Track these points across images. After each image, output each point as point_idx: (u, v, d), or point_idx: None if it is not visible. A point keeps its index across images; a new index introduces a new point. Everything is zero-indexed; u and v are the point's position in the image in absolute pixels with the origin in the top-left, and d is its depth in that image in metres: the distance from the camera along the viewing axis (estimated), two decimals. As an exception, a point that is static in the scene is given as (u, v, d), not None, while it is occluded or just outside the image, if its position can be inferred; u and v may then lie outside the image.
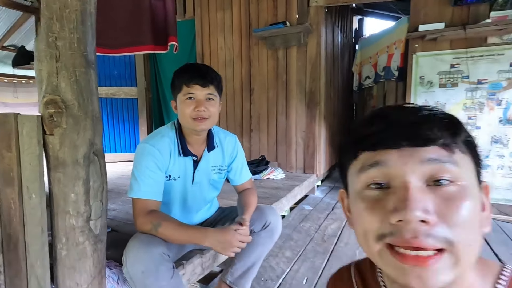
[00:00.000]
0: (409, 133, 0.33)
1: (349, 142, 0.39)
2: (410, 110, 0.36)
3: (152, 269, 0.87)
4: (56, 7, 0.83)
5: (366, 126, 0.37)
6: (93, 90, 0.92)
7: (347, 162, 0.40)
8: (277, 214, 1.20)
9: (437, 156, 0.32)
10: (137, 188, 0.99)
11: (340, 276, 0.52)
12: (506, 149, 2.30)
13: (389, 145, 0.34)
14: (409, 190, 0.32)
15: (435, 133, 0.33)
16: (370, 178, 0.35)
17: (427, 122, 0.34)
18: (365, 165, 0.36)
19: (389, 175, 0.34)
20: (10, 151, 0.87)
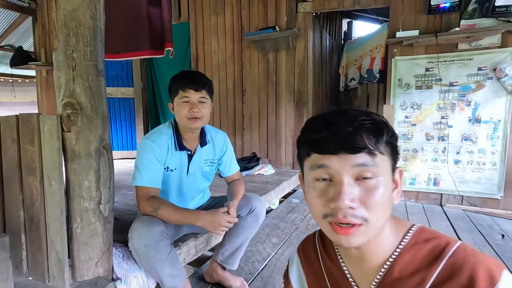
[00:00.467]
0: (345, 143, 0.46)
1: (304, 142, 0.52)
2: (348, 119, 0.47)
3: (153, 244, 1.05)
4: (72, 25, 0.99)
5: (316, 131, 0.49)
6: (103, 94, 1.09)
7: (303, 156, 0.53)
8: (261, 201, 1.38)
9: (364, 161, 0.46)
10: (140, 178, 1.16)
11: (307, 240, 0.68)
12: (475, 146, 2.51)
13: (331, 152, 0.47)
14: (342, 186, 0.45)
15: (363, 143, 0.45)
16: (318, 175, 0.49)
17: (359, 133, 0.46)
18: (314, 165, 0.49)
19: (331, 173, 0.47)
20: (33, 146, 1.04)
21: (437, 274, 0.45)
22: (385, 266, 0.50)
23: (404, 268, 0.48)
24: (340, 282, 0.56)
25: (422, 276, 0.46)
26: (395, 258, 0.49)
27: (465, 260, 0.44)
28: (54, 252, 1.05)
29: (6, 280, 0.99)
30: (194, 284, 1.42)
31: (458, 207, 2.60)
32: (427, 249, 0.48)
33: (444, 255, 0.46)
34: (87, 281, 1.08)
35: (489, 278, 0.41)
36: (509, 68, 2.30)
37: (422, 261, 0.47)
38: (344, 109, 0.50)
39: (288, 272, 0.69)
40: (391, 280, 0.49)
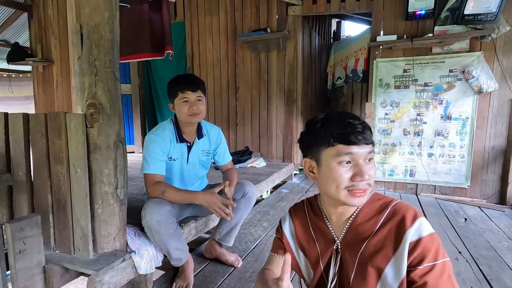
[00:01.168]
0: (362, 137, 0.65)
1: (326, 134, 0.68)
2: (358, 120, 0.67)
3: (163, 220, 1.26)
4: (94, 38, 1.18)
5: (339, 127, 0.66)
6: (119, 96, 1.28)
7: (322, 146, 0.69)
8: (253, 186, 1.60)
9: (371, 149, 0.67)
10: (147, 166, 1.37)
11: (297, 205, 0.88)
12: (446, 141, 2.79)
13: (354, 143, 0.65)
14: (363, 166, 0.66)
15: (369, 137, 0.67)
16: (344, 159, 0.66)
17: (366, 130, 0.67)
18: (342, 152, 0.66)
19: (353, 158, 0.66)
20: (60, 139, 1.23)
21: (384, 217, 0.69)
22: (353, 216, 0.73)
23: (364, 216, 0.72)
24: (322, 230, 0.78)
25: (375, 220, 0.70)
26: (359, 211, 0.73)
27: (400, 208, 0.69)
28: (79, 228, 1.25)
29: (39, 252, 1.20)
30: (195, 259, 1.64)
31: (431, 196, 2.88)
32: (379, 204, 0.72)
33: (388, 206, 0.70)
34: (106, 253, 1.29)
35: (413, 216, 0.66)
36: (475, 70, 2.56)
37: (375, 211, 0.71)
38: (347, 112, 0.71)
39: (282, 226, 0.87)
40: (356, 225, 0.72)
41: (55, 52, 4.37)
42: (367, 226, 0.70)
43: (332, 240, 0.76)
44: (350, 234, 0.72)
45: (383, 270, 0.66)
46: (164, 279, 1.48)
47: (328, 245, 0.76)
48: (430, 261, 0.62)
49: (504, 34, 2.51)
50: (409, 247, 0.63)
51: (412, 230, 0.63)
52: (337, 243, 0.75)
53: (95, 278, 1.15)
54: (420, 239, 0.63)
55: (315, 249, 0.79)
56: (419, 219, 0.65)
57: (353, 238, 0.72)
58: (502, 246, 1.89)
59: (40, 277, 1.20)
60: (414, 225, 0.64)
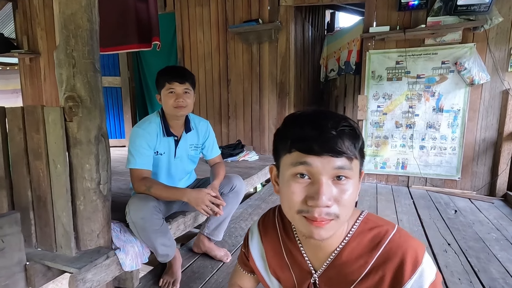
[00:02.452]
0: (330, 147, 0.48)
1: (286, 138, 0.53)
2: (332, 123, 0.49)
3: (148, 216, 1.23)
4: (72, 28, 1.13)
5: (301, 130, 0.50)
6: (99, 88, 1.23)
7: (282, 151, 0.54)
8: (241, 180, 1.58)
9: (343, 164, 0.49)
10: (133, 161, 1.32)
11: (268, 216, 0.72)
12: (438, 133, 2.79)
13: (316, 153, 0.48)
14: (321, 186, 0.48)
15: (345, 147, 0.48)
16: (299, 171, 0.50)
17: (341, 138, 0.48)
18: (297, 161, 0.50)
19: (311, 171, 0.49)
20: (38, 133, 1.18)
21: (376, 258, 0.54)
22: (336, 251, 0.57)
23: (351, 253, 0.56)
24: (296, 259, 0.63)
25: (364, 260, 0.55)
26: (344, 245, 0.57)
27: (398, 247, 0.53)
28: (61, 225, 1.21)
29: (19, 250, 1.16)
30: (183, 255, 1.62)
31: (422, 188, 2.89)
32: (370, 236, 0.56)
33: (382, 243, 0.55)
34: (90, 250, 1.26)
35: (414, 260, 0.52)
36: (468, 62, 2.54)
37: (365, 247, 0.56)
38: (326, 112, 0.52)
39: (248, 243, 0.72)
40: (339, 263, 0.57)
41: (42, 44, 4.25)
42: (354, 267, 0.56)
43: (308, 272, 0.62)
44: (332, 271, 0.59)
45: None
46: (151, 275, 1.46)
47: (305, 277, 0.63)
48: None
49: (496, 25, 2.49)
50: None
51: (411, 284, 0.51)
52: (314, 277, 0.61)
53: (77, 276, 1.12)
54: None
55: (290, 278, 0.65)
56: (421, 267, 0.51)
57: (335, 277, 0.58)
58: (490, 238, 1.90)
59: (21, 276, 1.17)
60: (414, 277, 0.51)
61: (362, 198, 2.62)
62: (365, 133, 2.97)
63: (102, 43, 2.05)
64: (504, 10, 2.47)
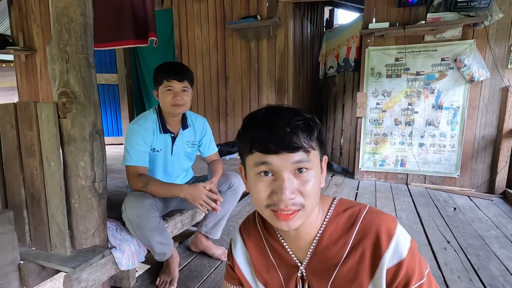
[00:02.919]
0: (285, 144, 0.51)
1: (246, 140, 0.55)
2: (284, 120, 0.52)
3: (144, 214, 1.21)
4: (64, 21, 1.10)
5: (256, 132, 0.53)
6: (94, 84, 1.20)
7: (244, 153, 0.57)
8: (239, 177, 1.55)
9: (300, 158, 0.52)
10: (129, 158, 1.30)
11: (248, 221, 0.73)
12: (437, 130, 2.77)
13: (273, 152, 0.52)
14: (283, 181, 0.51)
15: (301, 141, 0.51)
16: (261, 170, 0.54)
17: (295, 133, 0.51)
18: (258, 162, 0.53)
19: (272, 169, 0.53)
20: (31, 131, 1.16)
21: (354, 236, 0.57)
22: (316, 238, 0.60)
23: (330, 236, 0.59)
24: (281, 254, 0.65)
25: (343, 240, 0.58)
26: (323, 231, 0.60)
27: (371, 223, 0.57)
28: (55, 224, 1.19)
29: (13, 249, 1.14)
30: (181, 253, 1.60)
31: (421, 186, 2.88)
32: (345, 217, 0.60)
33: (357, 221, 0.58)
34: (85, 249, 1.24)
35: (388, 232, 0.55)
36: (467, 59, 2.53)
37: (342, 228, 0.59)
38: (278, 109, 0.55)
39: (232, 252, 0.73)
40: (321, 248, 0.60)
41: (38, 41, 4.20)
42: (334, 250, 0.58)
43: (294, 266, 0.64)
44: (316, 259, 0.61)
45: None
46: (148, 274, 1.44)
47: (292, 272, 0.64)
48: (416, 282, 0.54)
49: (496, 21, 2.47)
50: (389, 273, 0.54)
51: (389, 254, 0.54)
52: (301, 269, 0.63)
53: (72, 275, 1.09)
54: (401, 261, 0.54)
55: (277, 277, 0.66)
56: (395, 236, 0.55)
57: (320, 264, 0.61)
58: (490, 235, 1.89)
59: (15, 275, 1.15)
60: (391, 246, 0.54)
61: (361, 195, 2.61)
62: (364, 130, 2.96)
63: (98, 38, 2.02)
64: (504, 6, 2.45)
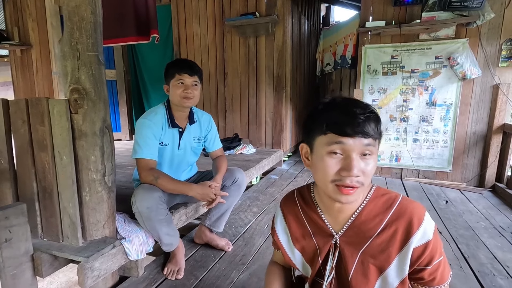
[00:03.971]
0: (360, 130, 0.59)
1: (322, 122, 0.62)
2: (360, 109, 0.61)
3: (153, 206, 1.26)
4: (76, 20, 1.13)
5: (334, 114, 0.61)
6: (103, 81, 1.24)
7: (316, 132, 0.64)
8: (243, 173, 1.61)
9: (369, 143, 0.60)
10: (140, 151, 1.35)
11: (287, 197, 0.83)
12: (430, 126, 2.86)
13: (349, 135, 0.59)
14: (353, 160, 0.59)
15: (371, 130, 0.60)
16: (334, 149, 0.61)
17: (368, 122, 0.60)
18: (332, 141, 0.61)
19: (344, 149, 0.60)
20: (43, 125, 1.20)
21: (390, 215, 0.66)
22: (356, 213, 0.69)
23: (369, 213, 0.68)
24: (318, 225, 0.74)
25: (380, 218, 0.67)
26: (363, 208, 0.69)
27: (406, 208, 0.66)
28: (67, 216, 1.23)
29: (26, 240, 1.18)
30: (185, 245, 1.65)
31: (415, 180, 2.98)
32: (383, 200, 0.69)
33: (394, 204, 0.67)
34: (96, 240, 1.28)
35: (419, 218, 0.64)
36: (460, 57, 2.61)
37: (380, 208, 0.68)
38: (353, 100, 0.64)
39: (274, 223, 0.82)
40: (359, 222, 0.68)
41: (33, 35, 4.16)
42: (371, 224, 0.67)
43: (329, 235, 0.72)
44: (353, 231, 0.69)
45: (386, 269, 0.66)
46: (155, 264, 1.50)
47: (326, 240, 0.73)
48: (437, 259, 0.65)
49: (488, 21, 2.55)
50: (415, 252, 0.64)
51: (418, 236, 0.63)
52: (335, 238, 0.71)
53: (85, 264, 1.14)
54: (427, 243, 0.63)
55: (312, 244, 0.75)
56: (424, 222, 0.64)
57: (355, 235, 0.69)
58: (479, 226, 1.99)
59: (29, 265, 1.19)
60: (420, 230, 0.63)
61: (357, 189, 2.69)
62: (360, 126, 3.02)
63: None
64: (496, 6, 2.53)
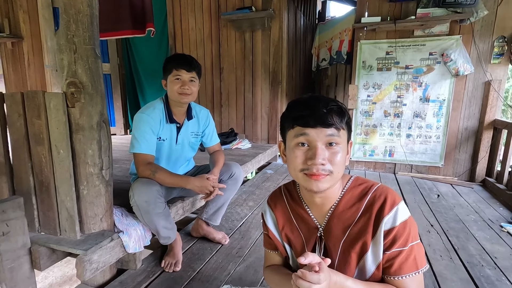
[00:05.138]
0: (321, 120, 0.64)
1: (289, 117, 0.69)
2: (322, 103, 0.66)
3: (152, 200, 1.27)
4: (72, 12, 1.12)
5: (300, 110, 0.66)
6: (100, 74, 1.24)
7: (287, 128, 0.70)
8: (240, 168, 1.63)
9: (332, 133, 0.64)
10: (138, 146, 1.35)
11: (275, 193, 0.87)
12: (423, 122, 2.91)
13: (311, 126, 0.64)
14: (317, 149, 0.64)
15: (334, 120, 0.64)
16: (300, 140, 0.66)
17: (330, 114, 0.64)
18: (298, 133, 0.66)
19: (309, 140, 0.65)
20: (39, 119, 1.19)
21: (365, 203, 0.70)
22: (334, 204, 0.73)
23: (346, 204, 0.72)
24: (304, 219, 0.78)
25: (356, 207, 0.71)
26: (340, 198, 0.73)
27: (381, 193, 0.70)
28: (65, 209, 1.23)
29: (23, 233, 1.19)
30: (182, 239, 1.67)
31: (408, 175, 3.03)
32: (360, 189, 0.73)
33: (369, 192, 0.71)
34: (94, 233, 1.29)
35: (392, 202, 0.68)
36: (454, 54, 2.64)
37: (356, 198, 0.72)
38: (318, 96, 0.69)
39: (265, 221, 0.87)
40: (338, 212, 0.73)
41: (25, 28, 4.08)
42: (349, 213, 0.71)
43: (315, 228, 0.76)
44: (333, 222, 0.73)
45: (363, 255, 0.69)
46: (153, 257, 1.51)
47: (312, 233, 0.77)
48: (398, 247, 0.66)
49: (481, 18, 2.58)
50: (384, 234, 0.66)
51: (388, 218, 0.66)
52: (320, 231, 0.75)
53: (84, 257, 1.15)
54: (393, 228, 0.66)
55: (299, 238, 0.79)
56: (396, 207, 0.67)
57: (335, 226, 0.73)
58: (469, 219, 2.05)
59: (26, 259, 1.20)
60: (391, 213, 0.66)
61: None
62: (355, 122, 3.07)
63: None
64: (489, 4, 2.56)
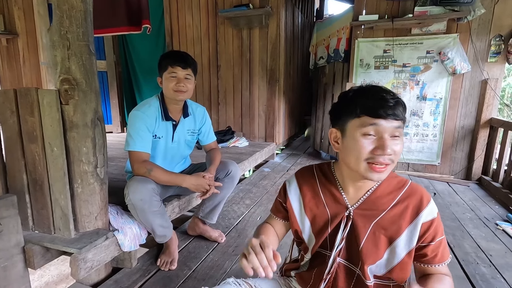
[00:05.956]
0: (391, 112, 0.66)
1: (356, 106, 0.68)
2: (391, 95, 0.68)
3: (147, 198, 1.26)
4: (65, 8, 1.10)
5: (368, 100, 0.67)
6: (94, 71, 1.22)
7: (349, 116, 0.70)
8: (236, 166, 1.62)
9: (399, 125, 0.67)
10: (133, 144, 1.34)
11: (305, 169, 0.87)
12: (420, 120, 2.91)
13: (382, 117, 0.66)
14: (386, 141, 0.66)
15: (401, 113, 0.67)
16: (368, 131, 0.67)
17: (398, 106, 0.67)
18: (367, 123, 0.67)
19: (378, 130, 0.66)
20: (32, 116, 1.17)
21: (402, 194, 0.74)
22: (371, 189, 0.77)
23: (383, 190, 0.76)
24: (335, 197, 0.80)
25: (393, 195, 0.75)
26: (379, 185, 0.77)
27: (416, 189, 0.75)
28: (58, 208, 1.22)
29: (17, 232, 1.18)
30: (178, 237, 1.66)
31: (404, 173, 3.04)
32: (396, 181, 0.77)
33: (406, 185, 0.76)
34: (89, 231, 1.28)
35: (427, 198, 0.73)
36: (451, 52, 2.64)
37: (394, 187, 0.76)
38: (382, 87, 0.71)
39: (287, 190, 0.86)
40: (374, 197, 0.76)
41: (20, 24, 4.03)
42: (385, 199, 0.75)
43: (344, 207, 0.78)
44: (367, 204, 0.76)
45: (395, 240, 0.73)
46: (148, 256, 1.50)
47: (339, 210, 0.78)
48: (439, 237, 0.72)
49: (478, 16, 2.58)
50: (423, 226, 0.71)
51: (427, 212, 0.71)
52: (350, 210, 0.77)
53: (78, 256, 1.14)
54: (433, 220, 0.72)
55: (325, 213, 0.80)
56: (431, 202, 0.73)
57: (369, 208, 0.76)
58: (465, 217, 2.06)
59: (20, 257, 1.18)
60: (428, 207, 0.72)
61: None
62: (352, 120, 3.06)
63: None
64: (486, 2, 2.56)
